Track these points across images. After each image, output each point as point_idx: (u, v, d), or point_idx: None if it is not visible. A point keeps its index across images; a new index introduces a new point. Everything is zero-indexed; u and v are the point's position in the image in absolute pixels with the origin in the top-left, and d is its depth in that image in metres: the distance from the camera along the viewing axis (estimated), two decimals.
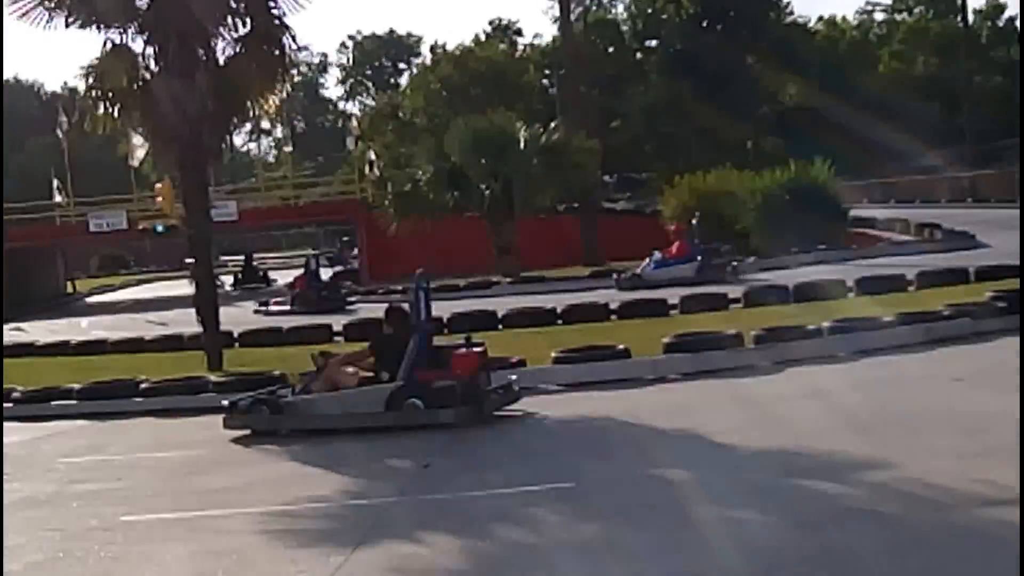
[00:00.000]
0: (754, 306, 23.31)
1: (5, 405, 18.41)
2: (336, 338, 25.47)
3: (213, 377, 18.46)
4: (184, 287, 33.40)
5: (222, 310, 22.35)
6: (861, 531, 7.96)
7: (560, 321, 24.53)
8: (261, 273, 58.07)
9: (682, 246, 33.55)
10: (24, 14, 20.35)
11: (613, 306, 24.98)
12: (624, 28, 78.31)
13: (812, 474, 9.72)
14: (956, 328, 16.85)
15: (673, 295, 25.20)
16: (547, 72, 75.21)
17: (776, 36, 70.73)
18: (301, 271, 38.00)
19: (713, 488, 9.75)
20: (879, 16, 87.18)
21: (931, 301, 19.17)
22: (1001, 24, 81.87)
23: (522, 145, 40.80)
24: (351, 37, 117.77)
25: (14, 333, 36.21)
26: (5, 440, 15.96)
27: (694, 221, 34.93)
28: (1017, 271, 21.10)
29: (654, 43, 75.88)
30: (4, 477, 13.19)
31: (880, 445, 10.44)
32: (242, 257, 60.40)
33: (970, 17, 73.59)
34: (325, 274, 44.56)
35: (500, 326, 24.74)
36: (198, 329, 22.05)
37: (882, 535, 7.84)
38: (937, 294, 20.92)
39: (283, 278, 56.17)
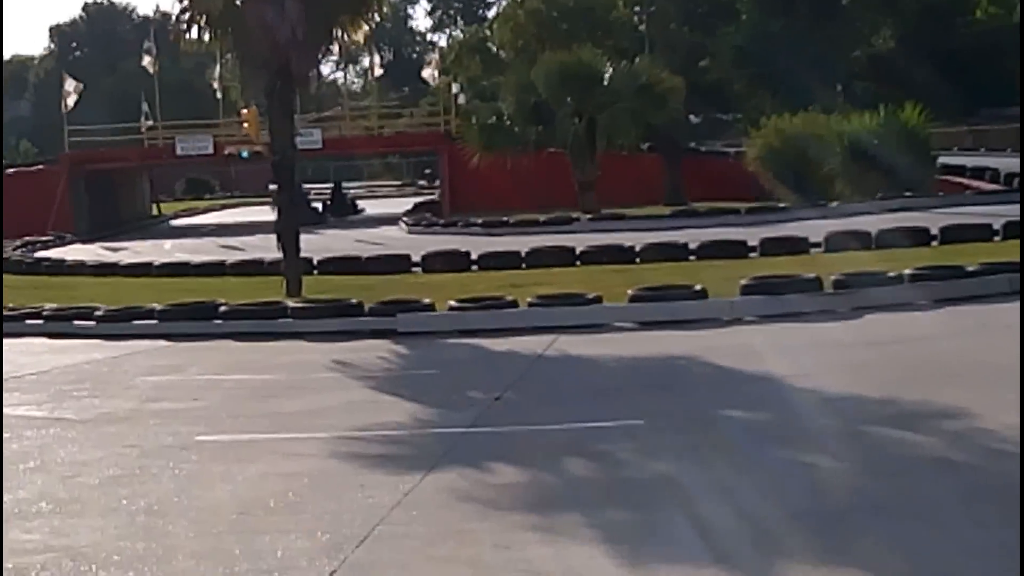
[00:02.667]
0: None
1: (88, 323, 18.73)
2: (415, 268, 25.63)
3: (291, 303, 18.63)
4: (267, 213, 33.68)
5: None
6: (933, 480, 7.89)
7: (638, 260, 24.48)
8: (350, 201, 58.69)
9: None
10: None
11: (692, 246, 24.87)
12: None
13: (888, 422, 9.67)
14: None
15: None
16: (637, 8, 74.43)
17: None
18: None
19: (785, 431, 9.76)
20: None
21: (1017, 251, 18.84)
22: None
23: (607, 81, 40.59)
24: None
25: (103, 252, 36.86)
26: (87, 357, 16.32)
27: None
28: None
29: None
30: (84, 393, 13.47)
31: (958, 395, 10.31)
32: (331, 185, 60.94)
33: None
34: None
35: (578, 262, 24.76)
36: (278, 255, 22.24)
37: (954, 484, 7.75)
38: None
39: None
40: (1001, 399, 10.03)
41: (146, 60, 56.21)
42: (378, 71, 68.54)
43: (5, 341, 17.53)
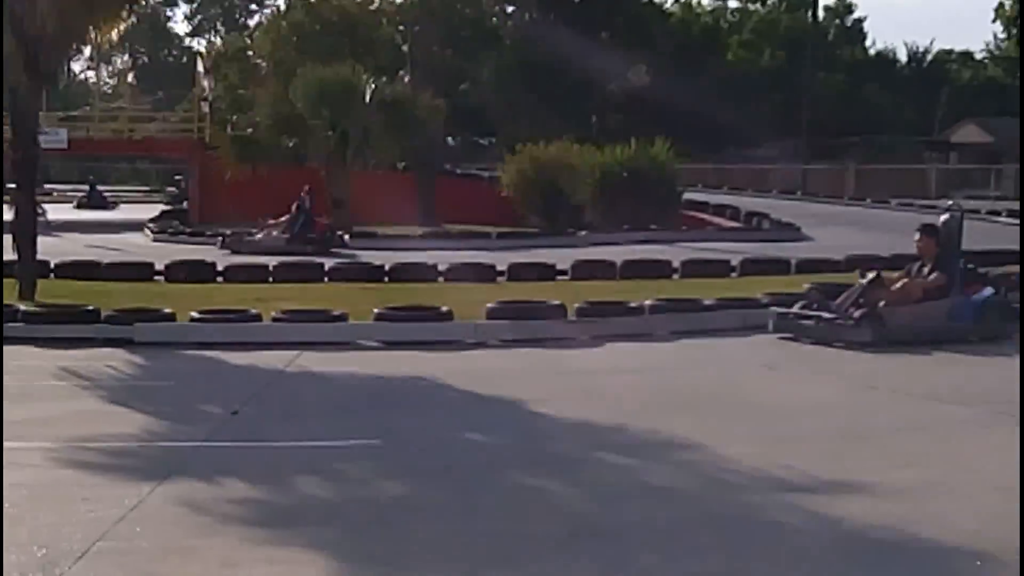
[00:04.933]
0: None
1: None
2: (157, 277, 25.05)
3: (23, 307, 17.88)
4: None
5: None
6: (656, 507, 8.10)
7: (387, 279, 24.48)
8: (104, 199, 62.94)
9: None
10: None
11: (442, 267, 24.95)
12: None
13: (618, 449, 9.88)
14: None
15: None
16: (401, 28, 74.66)
17: (631, 14, 71.23)
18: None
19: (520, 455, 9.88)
20: (733, 3, 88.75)
21: (751, 288, 19.58)
22: (849, 24, 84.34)
23: (366, 98, 40.56)
24: None
25: None
26: None
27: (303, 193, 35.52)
28: (828, 266, 23.16)
29: (511, 9, 75.91)
30: None
31: (687, 425, 10.61)
32: (87, 185, 65.01)
33: (820, 13, 74.69)
34: None
35: (326, 279, 24.60)
36: (13, 256, 21.35)
37: (675, 512, 7.99)
38: (758, 282, 21.34)
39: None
40: (728, 431, 10.41)
41: None
42: (132, 74, 66.85)
43: None
